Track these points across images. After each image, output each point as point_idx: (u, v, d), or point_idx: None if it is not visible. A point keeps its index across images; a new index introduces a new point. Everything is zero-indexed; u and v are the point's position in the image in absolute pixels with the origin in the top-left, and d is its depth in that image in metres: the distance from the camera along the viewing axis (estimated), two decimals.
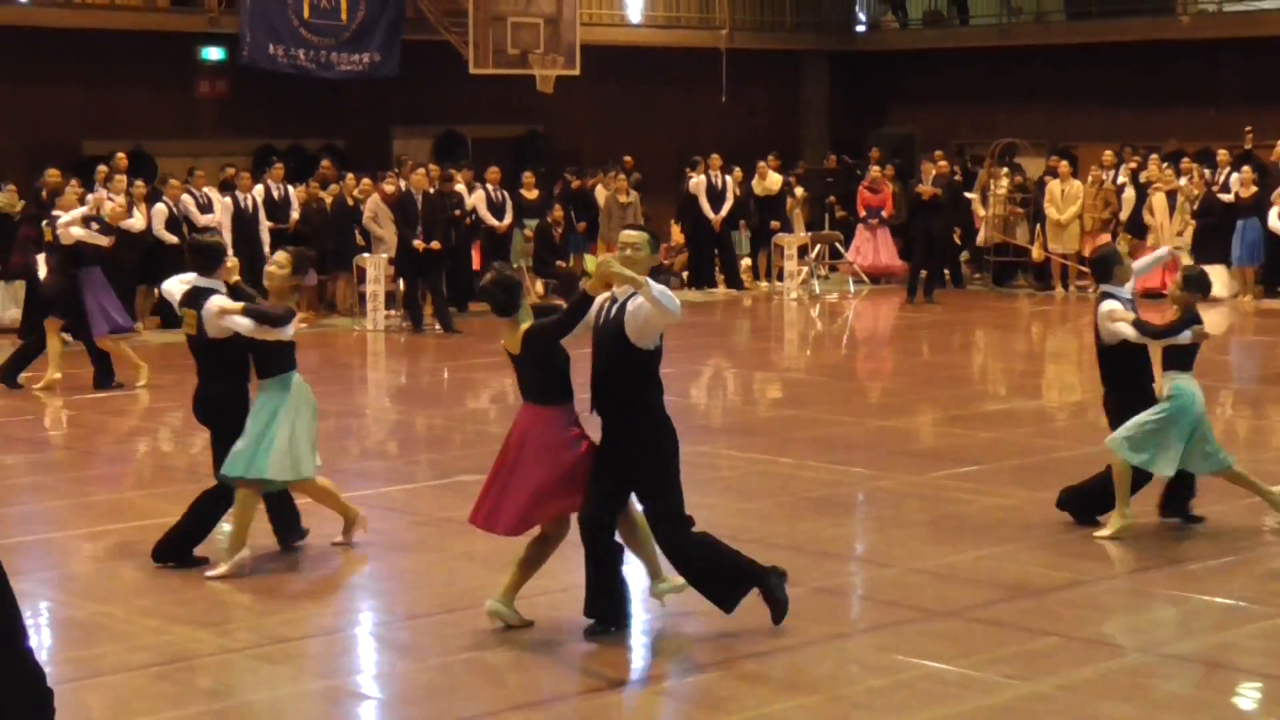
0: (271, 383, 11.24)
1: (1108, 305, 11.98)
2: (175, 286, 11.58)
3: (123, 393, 18.64)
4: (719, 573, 9.62)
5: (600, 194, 28.79)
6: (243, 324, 11.02)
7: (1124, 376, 12.09)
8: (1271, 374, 20.19)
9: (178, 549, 11.24)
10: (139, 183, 24.10)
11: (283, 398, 11.21)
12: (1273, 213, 22.59)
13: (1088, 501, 12.15)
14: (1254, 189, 25.85)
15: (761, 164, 30.07)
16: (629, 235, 9.76)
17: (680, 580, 9.79)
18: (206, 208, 24.17)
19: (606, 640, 9.61)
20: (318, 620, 10.09)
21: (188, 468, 14.86)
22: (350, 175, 26.03)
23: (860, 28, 37.41)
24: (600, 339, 9.81)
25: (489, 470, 9.93)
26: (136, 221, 23.41)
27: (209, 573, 10.94)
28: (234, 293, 11.31)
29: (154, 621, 9.94)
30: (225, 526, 11.32)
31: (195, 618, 9.99)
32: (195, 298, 11.29)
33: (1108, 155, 28.94)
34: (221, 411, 11.33)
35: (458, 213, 25.79)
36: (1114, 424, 11.98)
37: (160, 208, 23.87)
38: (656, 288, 9.42)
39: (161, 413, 17.96)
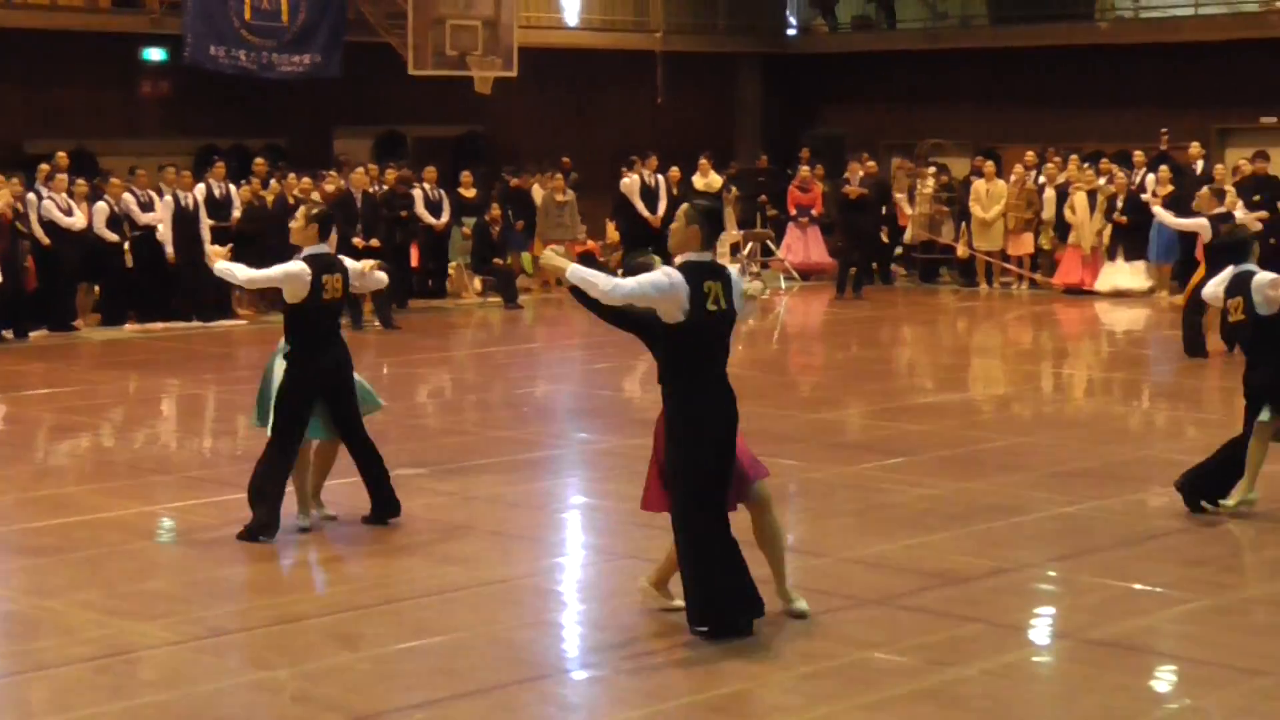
0: None
1: (1268, 275, 12.14)
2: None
3: None
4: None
5: (537, 193, 28.96)
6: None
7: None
8: (1186, 368, 20.51)
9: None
10: (80, 181, 24.14)
11: None
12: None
13: (1209, 482, 12.32)
14: (1170, 188, 26.22)
15: (703, 161, 30.32)
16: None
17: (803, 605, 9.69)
18: (148, 206, 24.22)
19: (548, 628, 9.80)
20: (260, 612, 10.09)
21: (129, 462, 14.99)
22: (291, 174, 26.11)
23: (791, 31, 37.64)
24: None
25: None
26: (77, 220, 23.46)
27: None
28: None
29: (95, 615, 9.93)
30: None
31: (137, 611, 10.00)
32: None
33: (1029, 156, 29.31)
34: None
35: (404, 213, 25.97)
36: (1264, 400, 12.14)
37: (101, 206, 23.87)
38: (578, 273, 9.32)
39: (104, 408, 18.05)
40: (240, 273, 12.04)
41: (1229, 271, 12.63)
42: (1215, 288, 12.83)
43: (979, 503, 12.71)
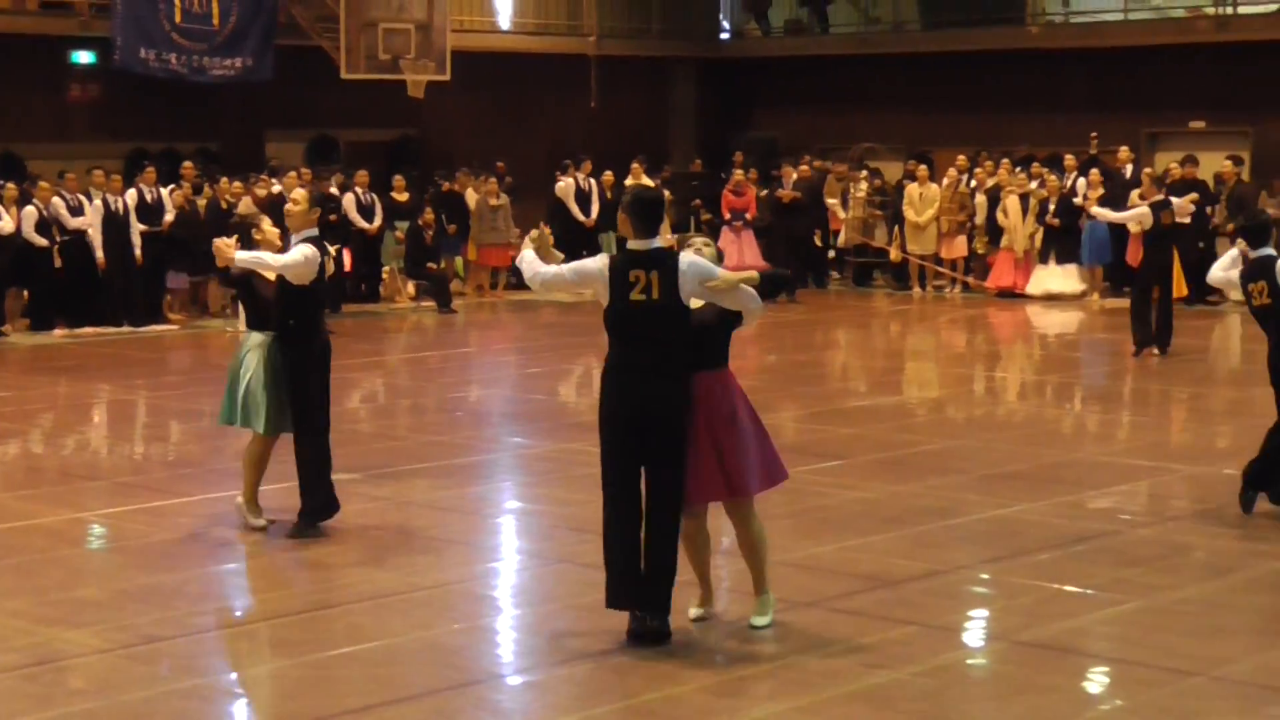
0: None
1: None
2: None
3: None
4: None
5: (471, 197, 28.93)
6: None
7: None
8: (1118, 370, 20.64)
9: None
10: (9, 185, 23.98)
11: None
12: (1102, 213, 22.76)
13: (1265, 477, 12.37)
14: (1101, 191, 26.39)
15: (635, 165, 30.35)
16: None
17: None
18: (77, 210, 24.07)
19: (482, 633, 9.79)
20: (189, 619, 10.03)
21: (59, 468, 14.90)
22: (224, 178, 26.02)
23: (725, 35, 37.70)
24: None
25: (725, 442, 9.46)
26: (6, 224, 23.31)
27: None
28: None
29: (23, 623, 9.87)
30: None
31: (65, 619, 9.94)
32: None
33: (960, 159, 29.45)
34: None
35: (333, 217, 25.89)
36: None
37: (30, 210, 23.71)
38: (524, 258, 9.71)
39: (33, 414, 17.94)
40: (273, 260, 11.97)
41: (1233, 255, 12.73)
42: (1226, 272, 12.92)
43: (912, 505, 12.76)
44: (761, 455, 9.66)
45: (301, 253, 11.89)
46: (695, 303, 9.33)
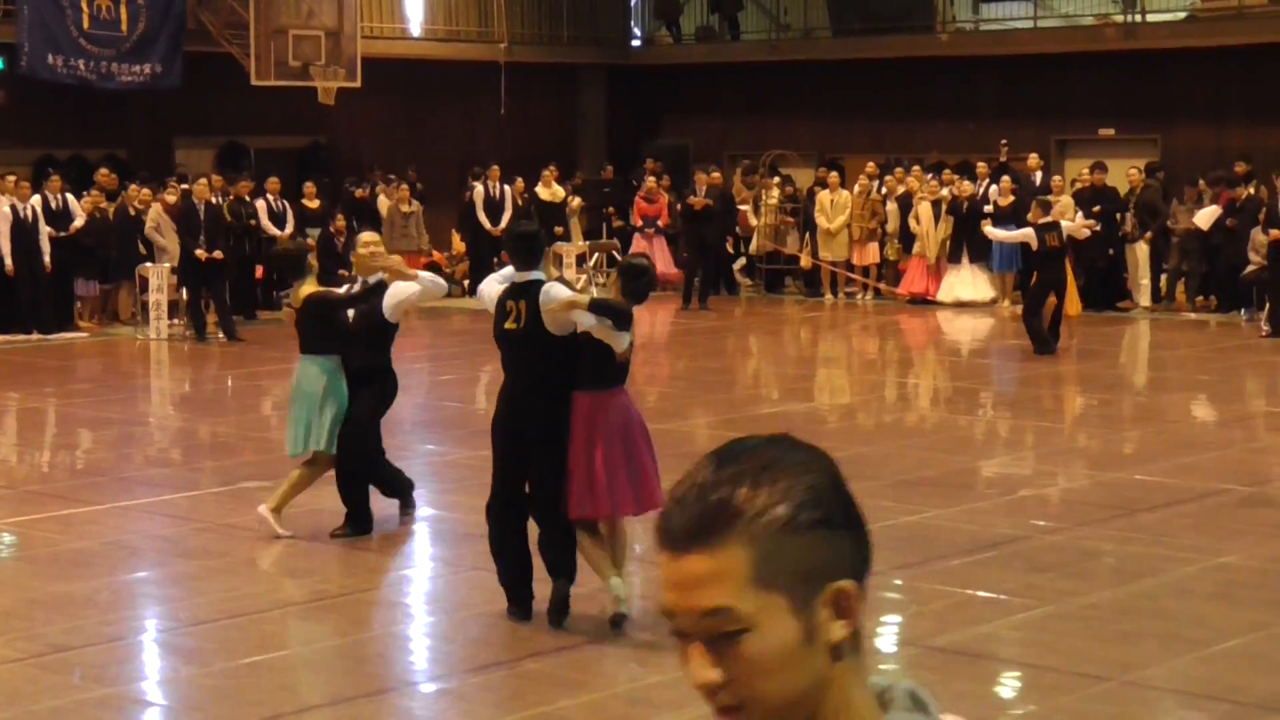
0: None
1: None
2: None
3: None
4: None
5: (383, 204, 28.85)
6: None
7: None
8: (1027, 377, 20.80)
9: None
10: None
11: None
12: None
13: None
14: (1011, 198, 26.60)
15: (546, 173, 30.38)
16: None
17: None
18: None
19: (394, 641, 9.77)
20: (100, 628, 9.99)
21: None
22: (133, 185, 25.84)
23: (636, 42, 37.72)
24: None
25: (597, 461, 9.69)
26: None
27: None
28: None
29: None
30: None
31: None
32: None
33: (871, 166, 29.60)
34: None
35: (252, 223, 25.83)
36: None
37: None
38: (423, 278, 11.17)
39: None
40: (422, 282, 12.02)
41: None
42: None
43: None
44: (642, 479, 9.87)
45: (432, 279, 12.16)
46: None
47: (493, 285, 10.11)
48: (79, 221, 24.75)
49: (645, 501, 9.79)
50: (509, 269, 10.10)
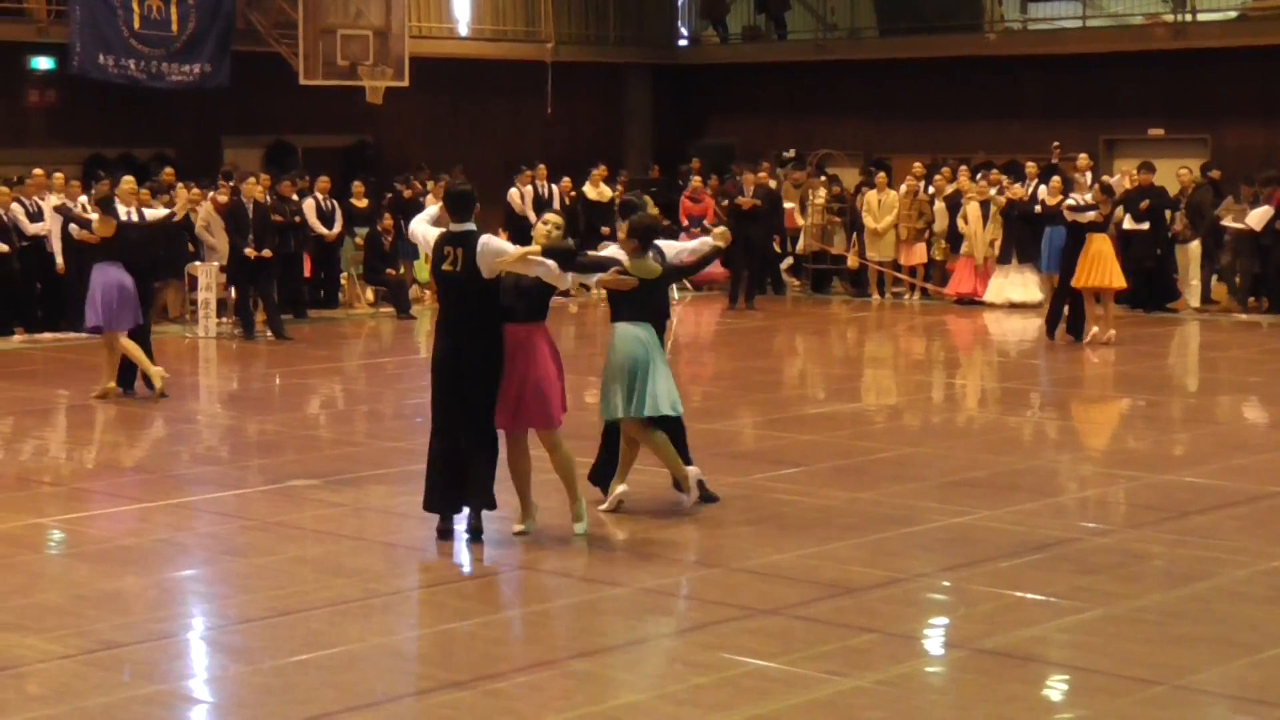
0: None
1: None
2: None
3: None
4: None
5: (430, 203, 28.80)
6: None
7: None
8: (1076, 377, 20.70)
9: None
10: None
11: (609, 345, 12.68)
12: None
13: None
14: (1060, 198, 26.46)
15: (595, 172, 30.38)
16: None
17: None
18: (36, 216, 23.94)
19: (441, 640, 9.76)
20: (149, 625, 9.98)
21: (17, 473, 14.81)
22: (181, 185, 25.92)
23: (682, 42, 37.71)
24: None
25: (532, 382, 11.71)
26: None
27: (600, 507, 12.58)
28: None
29: None
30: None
31: (24, 624, 9.88)
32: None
33: (917, 166, 29.52)
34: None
35: (298, 219, 25.88)
36: None
37: None
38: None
39: None
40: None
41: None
42: None
43: (871, 513, 12.77)
44: (559, 396, 11.92)
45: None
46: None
47: (424, 227, 12.17)
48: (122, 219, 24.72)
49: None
50: (433, 209, 12.35)
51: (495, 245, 11.71)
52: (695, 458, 14.87)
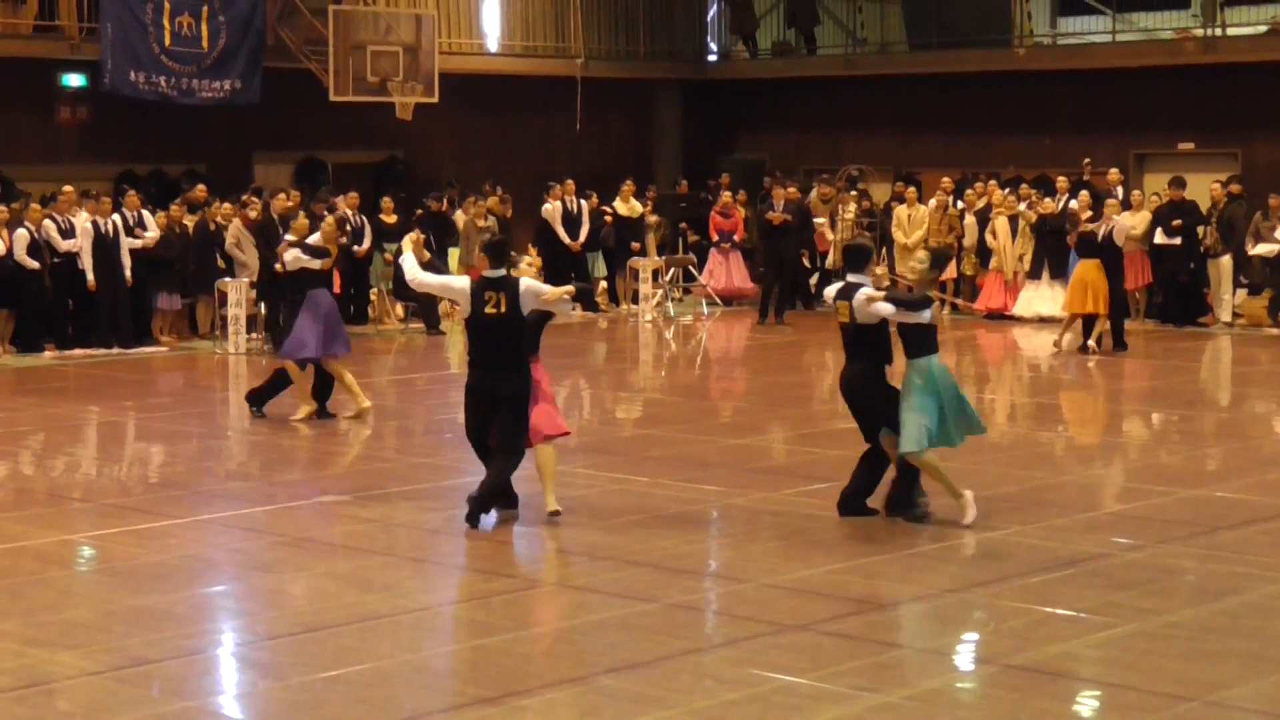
0: (917, 363, 13.02)
1: None
2: (831, 287, 13.72)
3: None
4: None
5: (460, 219, 28.89)
6: (885, 309, 12.91)
7: None
8: (1107, 393, 20.64)
9: (856, 505, 13.05)
10: (1, 208, 23.93)
11: (925, 377, 12.98)
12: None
13: None
14: (1090, 213, 26.40)
15: (624, 187, 30.38)
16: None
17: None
18: (68, 233, 23.99)
19: (470, 656, 9.76)
20: (178, 641, 9.98)
21: (48, 490, 14.85)
22: (215, 201, 25.99)
23: (712, 57, 37.67)
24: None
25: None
26: None
27: (965, 520, 12.69)
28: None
29: (12, 645, 9.81)
30: None
31: (54, 640, 9.88)
32: (847, 292, 13.14)
33: (947, 181, 29.45)
34: (858, 389, 13.27)
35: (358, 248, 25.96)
36: None
37: (22, 233, 23.59)
38: (408, 260, 13.61)
39: (22, 436, 17.90)
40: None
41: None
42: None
43: (901, 528, 12.73)
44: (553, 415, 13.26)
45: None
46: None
47: (434, 277, 13.79)
48: (153, 234, 24.83)
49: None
50: (410, 257, 13.76)
51: (535, 287, 12.83)
52: (725, 474, 14.91)
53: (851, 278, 13.32)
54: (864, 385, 13.25)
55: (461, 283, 13.08)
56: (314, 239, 18.39)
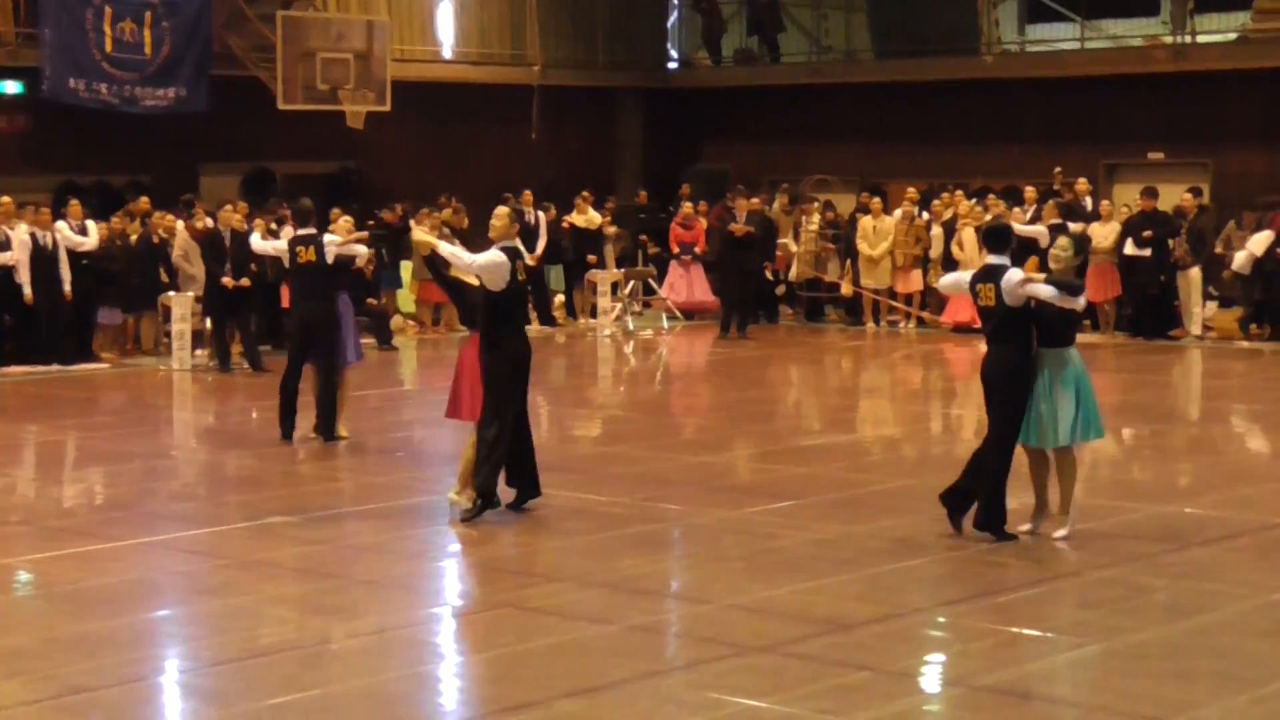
0: (1063, 352, 12.71)
1: None
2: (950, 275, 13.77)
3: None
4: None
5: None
6: (1044, 291, 12.47)
7: None
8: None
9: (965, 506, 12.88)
10: None
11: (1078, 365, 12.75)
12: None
13: None
14: (1056, 220, 26.30)
15: (579, 200, 30.14)
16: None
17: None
18: (4, 245, 23.42)
19: (423, 681, 9.52)
20: (120, 669, 9.79)
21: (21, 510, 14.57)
22: (157, 212, 25.57)
23: (673, 65, 37.54)
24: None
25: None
26: None
27: (1056, 534, 12.71)
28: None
29: None
30: None
31: None
32: (991, 274, 12.74)
33: (912, 191, 29.26)
34: (1006, 373, 12.74)
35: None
36: None
37: None
38: (448, 248, 13.95)
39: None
40: (468, 257, 13.90)
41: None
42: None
43: (867, 547, 12.58)
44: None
45: (492, 256, 13.59)
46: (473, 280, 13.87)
47: (472, 255, 13.76)
48: (91, 243, 24.28)
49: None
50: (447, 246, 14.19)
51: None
52: (686, 492, 14.75)
53: (992, 259, 12.87)
54: (1011, 370, 12.72)
55: (502, 256, 13.59)
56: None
